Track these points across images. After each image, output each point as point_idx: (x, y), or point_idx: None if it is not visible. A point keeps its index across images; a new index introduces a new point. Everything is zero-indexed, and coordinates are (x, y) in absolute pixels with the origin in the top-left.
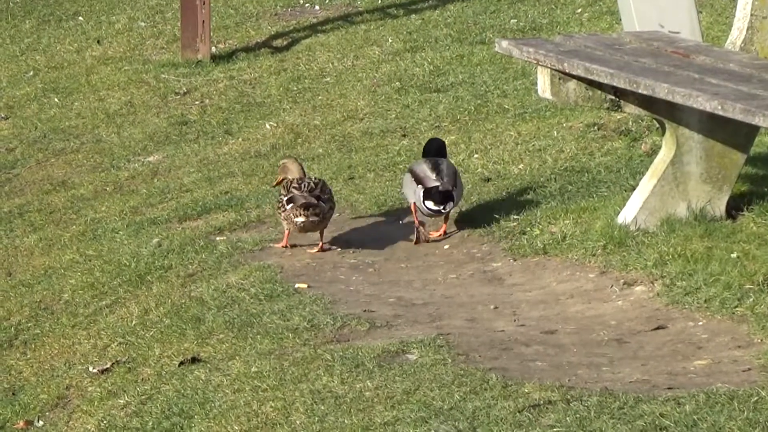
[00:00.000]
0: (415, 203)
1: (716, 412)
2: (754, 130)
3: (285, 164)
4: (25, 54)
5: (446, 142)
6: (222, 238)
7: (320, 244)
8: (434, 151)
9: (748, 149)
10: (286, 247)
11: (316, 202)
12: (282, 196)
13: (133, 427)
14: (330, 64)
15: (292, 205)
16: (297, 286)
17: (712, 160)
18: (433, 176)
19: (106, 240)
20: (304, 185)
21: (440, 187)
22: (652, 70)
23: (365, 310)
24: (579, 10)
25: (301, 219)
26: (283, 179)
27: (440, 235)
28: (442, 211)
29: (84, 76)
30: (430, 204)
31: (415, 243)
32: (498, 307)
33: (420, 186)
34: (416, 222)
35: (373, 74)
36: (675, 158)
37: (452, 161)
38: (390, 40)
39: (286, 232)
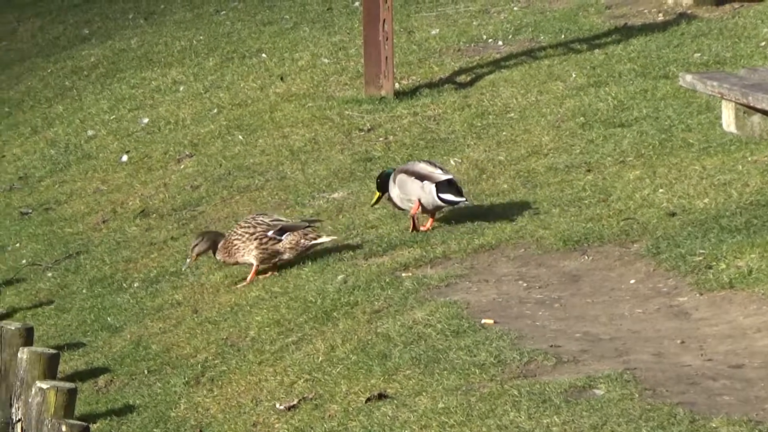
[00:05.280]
0: (420, 199)
1: None
2: None
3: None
4: (209, 91)
5: (630, 177)
6: (408, 274)
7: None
8: (383, 183)
9: None
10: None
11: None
12: (257, 232)
13: None
14: (514, 100)
15: (292, 233)
16: (483, 321)
17: None
18: (438, 171)
19: (292, 277)
20: (267, 218)
21: (453, 179)
22: None
23: (552, 346)
24: (763, 44)
25: (321, 239)
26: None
27: (428, 228)
28: (465, 202)
29: (268, 113)
30: (449, 196)
31: (412, 231)
32: (684, 342)
33: (427, 182)
34: (414, 213)
35: (557, 109)
36: None
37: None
38: (573, 75)
39: (256, 266)
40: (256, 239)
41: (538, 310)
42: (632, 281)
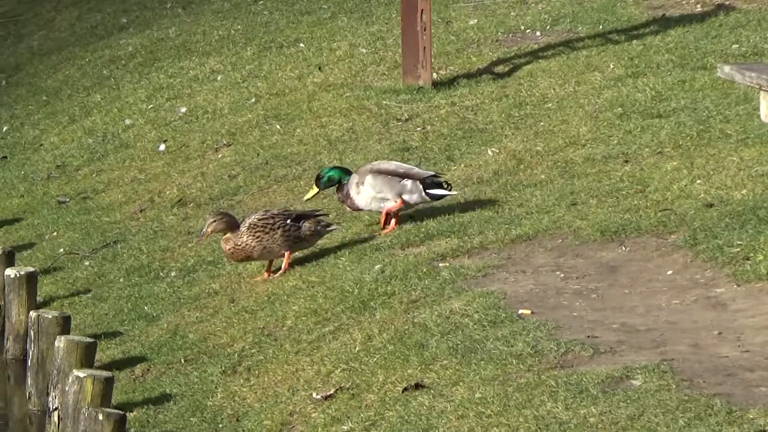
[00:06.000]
0: (399, 198)
1: None
2: None
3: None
4: (246, 81)
5: (667, 168)
6: (445, 264)
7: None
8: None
9: None
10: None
11: None
12: (277, 222)
13: None
14: (551, 90)
15: (307, 220)
16: (521, 312)
17: None
18: (416, 168)
19: (329, 266)
20: (274, 211)
21: (436, 174)
22: None
23: (589, 336)
24: None
25: (332, 227)
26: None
27: (391, 229)
28: (455, 192)
29: (305, 103)
30: (438, 191)
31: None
32: (722, 333)
33: (408, 180)
34: (394, 209)
35: (595, 100)
36: None
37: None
38: (611, 66)
39: (288, 254)
40: (279, 228)
41: (576, 300)
42: (669, 272)
